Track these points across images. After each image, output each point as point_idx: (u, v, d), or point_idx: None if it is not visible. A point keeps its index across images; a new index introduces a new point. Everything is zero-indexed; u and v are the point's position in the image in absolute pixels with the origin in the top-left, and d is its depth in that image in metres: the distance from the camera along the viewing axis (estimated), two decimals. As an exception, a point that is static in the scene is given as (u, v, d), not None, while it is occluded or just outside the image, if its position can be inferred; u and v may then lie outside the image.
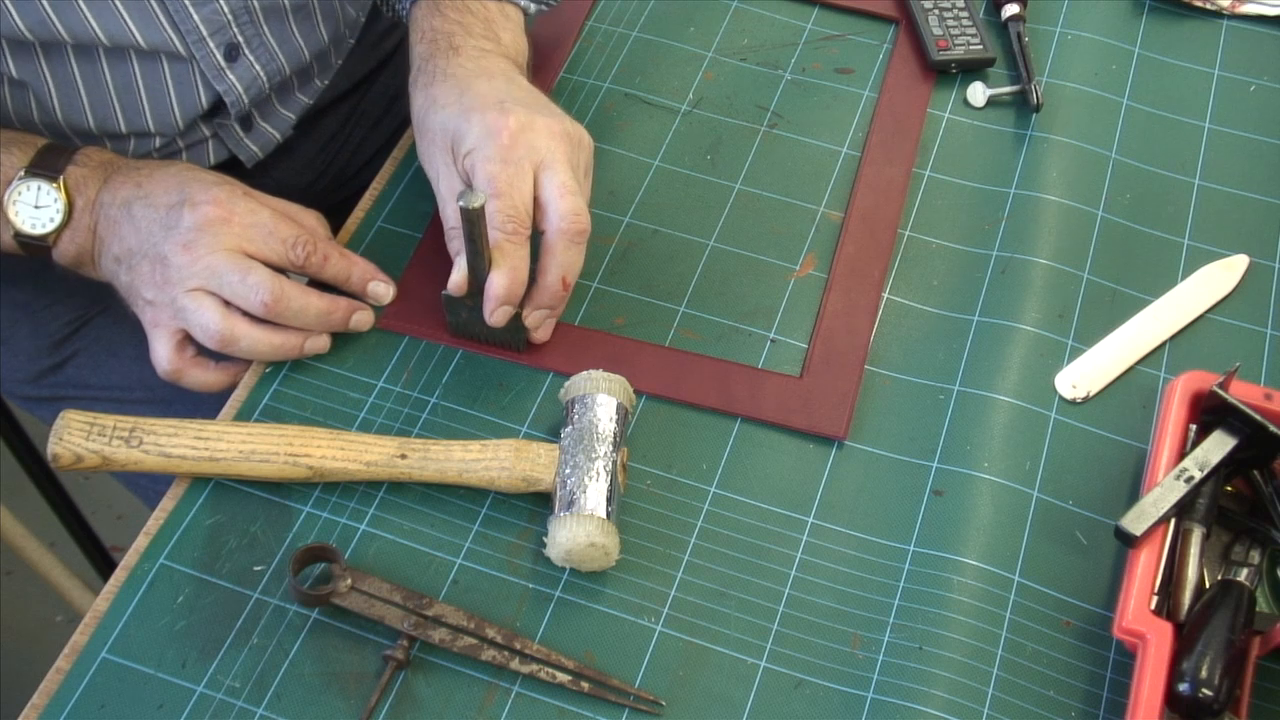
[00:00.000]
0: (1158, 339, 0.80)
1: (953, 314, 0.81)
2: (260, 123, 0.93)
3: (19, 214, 0.76)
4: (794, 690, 0.67)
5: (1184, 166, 0.89)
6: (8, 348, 0.96)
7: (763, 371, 0.77)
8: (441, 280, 0.74)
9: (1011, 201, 0.86)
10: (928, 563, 0.70)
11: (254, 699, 0.65)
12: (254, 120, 0.92)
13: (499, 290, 0.72)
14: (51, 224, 0.76)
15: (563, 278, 0.73)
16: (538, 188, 0.73)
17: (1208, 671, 0.61)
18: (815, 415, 0.75)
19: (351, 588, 0.67)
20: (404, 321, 0.78)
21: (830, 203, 0.86)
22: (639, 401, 0.76)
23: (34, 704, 0.65)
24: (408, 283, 0.80)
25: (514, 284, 0.72)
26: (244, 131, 0.92)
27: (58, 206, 0.76)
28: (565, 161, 0.74)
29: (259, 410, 0.75)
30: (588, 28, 0.96)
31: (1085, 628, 0.69)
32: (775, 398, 0.76)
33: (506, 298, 0.72)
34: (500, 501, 0.72)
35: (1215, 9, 0.98)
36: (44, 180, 0.76)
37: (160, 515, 0.71)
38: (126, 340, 0.94)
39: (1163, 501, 0.66)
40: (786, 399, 0.76)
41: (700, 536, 0.71)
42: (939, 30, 0.93)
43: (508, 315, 0.74)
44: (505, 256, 0.71)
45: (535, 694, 0.66)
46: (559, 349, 0.77)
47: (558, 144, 0.74)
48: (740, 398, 0.76)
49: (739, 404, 0.75)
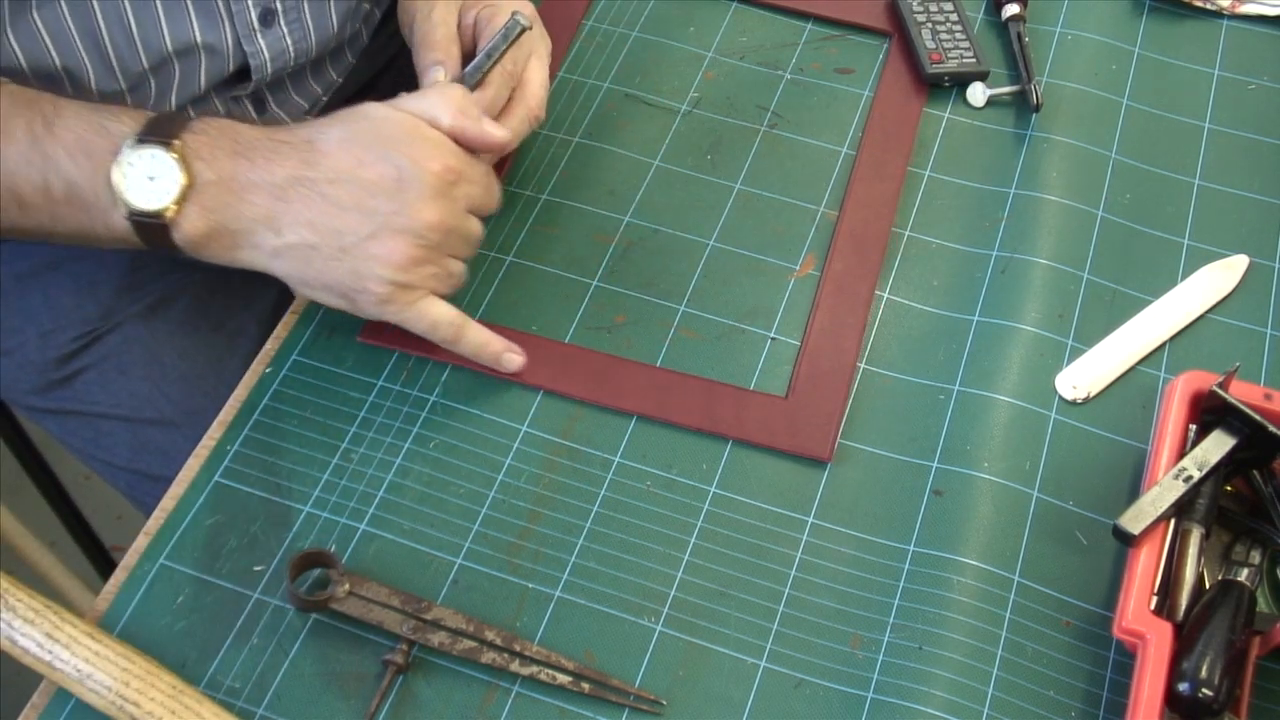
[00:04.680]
0: (1158, 339, 0.80)
1: (953, 314, 0.81)
2: (274, 108, 0.93)
3: (129, 187, 0.66)
4: (794, 690, 0.67)
5: (1184, 166, 0.89)
6: (14, 358, 0.95)
7: (749, 392, 0.77)
8: None
9: (1011, 201, 0.86)
10: (928, 563, 0.70)
11: (254, 699, 0.65)
12: (268, 103, 0.92)
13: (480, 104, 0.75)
14: (168, 197, 0.67)
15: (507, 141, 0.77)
16: (526, 69, 0.81)
17: (1208, 671, 0.61)
18: (800, 437, 0.75)
19: (349, 593, 0.67)
20: (389, 336, 0.77)
21: (830, 202, 0.86)
22: (631, 422, 0.76)
23: (34, 704, 0.65)
24: None
25: (492, 107, 0.78)
26: (257, 113, 0.91)
27: (175, 177, 0.67)
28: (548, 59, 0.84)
29: (259, 410, 0.75)
30: (587, 27, 0.96)
31: (1085, 628, 0.69)
32: (761, 419, 0.75)
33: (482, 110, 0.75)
34: (500, 501, 0.72)
35: (1215, 9, 0.98)
36: (158, 147, 0.67)
37: (160, 515, 0.71)
38: (138, 359, 0.93)
39: (1161, 501, 0.66)
40: (772, 420, 0.75)
41: (700, 536, 0.72)
42: (932, 44, 0.93)
43: None
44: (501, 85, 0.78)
45: (535, 694, 0.66)
46: (547, 366, 0.77)
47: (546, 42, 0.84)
48: (726, 419, 0.75)
49: (725, 425, 0.75)
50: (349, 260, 0.69)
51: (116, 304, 0.89)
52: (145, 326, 0.91)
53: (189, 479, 0.72)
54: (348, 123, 0.71)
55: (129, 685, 0.63)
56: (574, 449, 0.74)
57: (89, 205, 0.68)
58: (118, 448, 0.94)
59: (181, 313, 0.92)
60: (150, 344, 0.74)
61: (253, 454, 0.74)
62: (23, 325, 0.94)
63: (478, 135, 0.73)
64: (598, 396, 0.76)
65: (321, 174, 0.69)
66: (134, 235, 0.68)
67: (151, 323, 0.91)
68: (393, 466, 0.73)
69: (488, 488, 0.73)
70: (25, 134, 0.67)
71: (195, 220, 0.68)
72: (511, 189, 0.86)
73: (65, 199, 0.67)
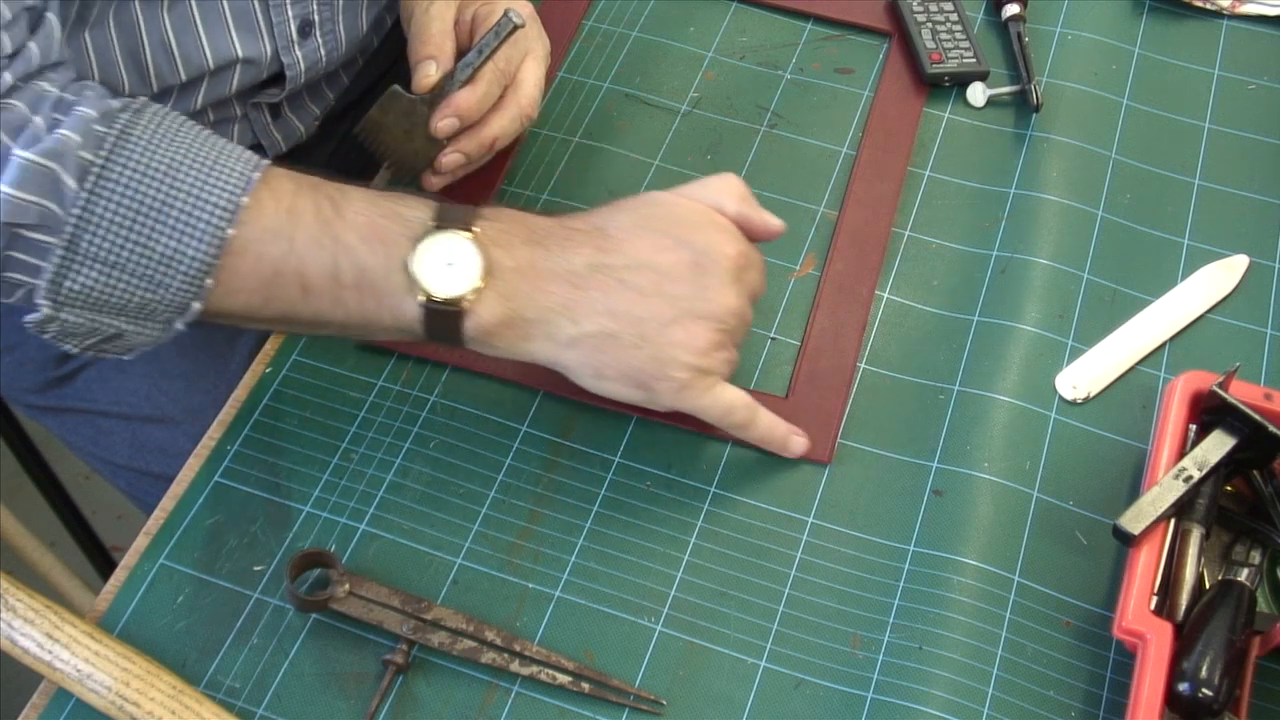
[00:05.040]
0: (1158, 339, 0.80)
1: (952, 314, 0.81)
2: (288, 114, 0.93)
3: (428, 273, 0.64)
4: (794, 690, 0.67)
5: (1184, 166, 0.89)
6: (14, 355, 0.96)
7: (749, 392, 0.77)
8: None
9: (1011, 201, 0.86)
10: (928, 563, 0.70)
11: (254, 699, 0.65)
12: (283, 109, 0.92)
13: (469, 100, 0.76)
14: (467, 283, 0.65)
15: (495, 139, 0.78)
16: (520, 68, 0.81)
17: (1208, 671, 0.61)
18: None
19: (349, 593, 0.67)
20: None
21: (830, 202, 0.86)
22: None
23: (34, 704, 0.65)
24: None
25: (483, 104, 0.77)
26: (272, 118, 0.91)
27: (474, 263, 0.65)
28: (545, 59, 0.84)
29: (259, 410, 0.75)
30: (587, 27, 0.96)
31: (1085, 628, 0.69)
32: None
33: (468, 112, 0.75)
34: (500, 501, 0.72)
35: (1215, 9, 0.98)
36: (457, 232, 0.65)
37: (160, 515, 0.71)
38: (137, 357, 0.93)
39: (1161, 501, 0.66)
40: None
41: (700, 536, 0.71)
42: (932, 44, 0.93)
43: (452, 129, 0.77)
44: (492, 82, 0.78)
45: (535, 694, 0.66)
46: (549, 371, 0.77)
47: (544, 42, 0.84)
48: None
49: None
50: (649, 347, 0.67)
51: None
52: None
53: (189, 479, 0.72)
54: (636, 209, 0.70)
55: (129, 685, 0.63)
56: (574, 449, 0.74)
57: (379, 291, 0.65)
58: (117, 445, 0.94)
59: None
60: None
61: (253, 454, 0.74)
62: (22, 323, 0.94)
63: (760, 223, 0.72)
64: (597, 397, 0.76)
65: (619, 260, 0.67)
66: (420, 324, 0.66)
67: None
68: (393, 466, 0.73)
69: (488, 488, 0.73)
70: (314, 217, 0.65)
71: (492, 308, 0.66)
72: (511, 189, 0.86)
73: (354, 284, 0.65)
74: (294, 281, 0.65)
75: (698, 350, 0.68)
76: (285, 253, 0.64)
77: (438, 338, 0.67)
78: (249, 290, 0.65)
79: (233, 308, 0.66)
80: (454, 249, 0.65)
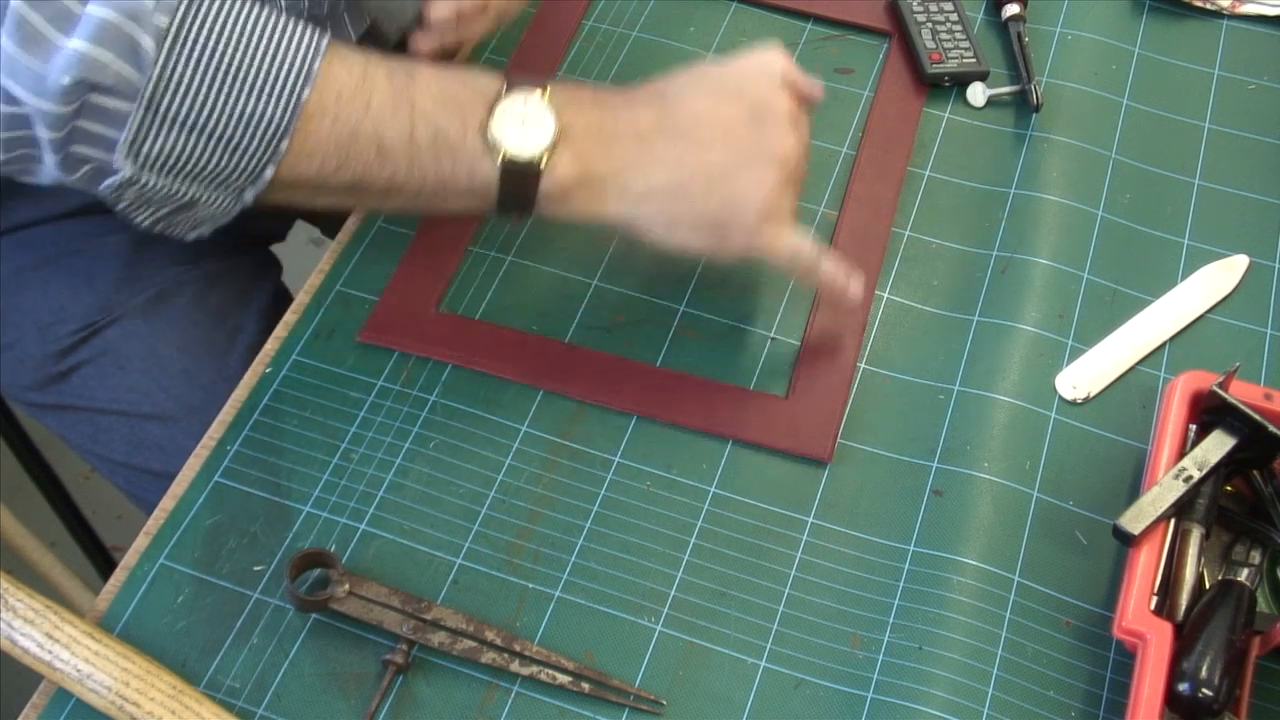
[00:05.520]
0: (1158, 339, 0.80)
1: (952, 314, 0.81)
2: None
3: (505, 133, 0.66)
4: (794, 690, 0.67)
5: (1184, 166, 0.89)
6: (13, 352, 0.96)
7: (749, 392, 0.77)
8: (427, 292, 0.77)
9: (1011, 201, 0.86)
10: (928, 563, 0.70)
11: (254, 699, 0.65)
12: None
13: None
14: (542, 142, 0.66)
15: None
16: None
17: (1208, 671, 0.61)
18: (800, 437, 0.75)
19: (349, 593, 0.67)
20: (389, 336, 0.78)
21: (830, 202, 0.86)
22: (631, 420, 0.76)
23: (34, 704, 0.65)
24: (392, 295, 0.80)
25: None
26: None
27: (548, 122, 0.67)
28: None
29: (259, 410, 0.75)
30: (587, 27, 0.96)
31: (1085, 628, 0.69)
32: (761, 419, 0.75)
33: None
34: (500, 501, 0.72)
35: (1215, 9, 0.98)
36: (530, 92, 0.67)
37: (160, 515, 0.71)
38: (136, 354, 0.93)
39: (1161, 501, 0.66)
40: (772, 420, 0.75)
41: (700, 536, 0.72)
42: (932, 44, 0.93)
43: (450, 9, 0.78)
44: None
45: (535, 694, 0.66)
46: (547, 366, 0.77)
47: None
48: (726, 419, 0.75)
49: (724, 425, 0.75)
50: (720, 191, 0.69)
51: (115, 298, 0.89)
52: (144, 321, 0.91)
53: (189, 479, 0.72)
54: (690, 76, 0.73)
55: (129, 685, 0.63)
56: (574, 449, 0.74)
57: (455, 153, 0.67)
58: (116, 443, 0.94)
59: (181, 307, 0.92)
60: (149, 338, 0.74)
61: (253, 454, 0.74)
62: (21, 319, 0.94)
63: (805, 84, 0.75)
64: (598, 396, 0.76)
65: (681, 117, 0.70)
66: (495, 187, 0.67)
67: (151, 317, 0.91)
68: (393, 466, 0.73)
69: (488, 488, 0.73)
70: (387, 82, 0.66)
71: (567, 167, 0.68)
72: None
73: (430, 147, 0.66)
74: (370, 145, 0.66)
75: (765, 193, 0.70)
76: (361, 116, 0.65)
77: (509, 204, 0.68)
78: (324, 154, 0.65)
79: (307, 173, 0.66)
80: (528, 109, 0.66)
